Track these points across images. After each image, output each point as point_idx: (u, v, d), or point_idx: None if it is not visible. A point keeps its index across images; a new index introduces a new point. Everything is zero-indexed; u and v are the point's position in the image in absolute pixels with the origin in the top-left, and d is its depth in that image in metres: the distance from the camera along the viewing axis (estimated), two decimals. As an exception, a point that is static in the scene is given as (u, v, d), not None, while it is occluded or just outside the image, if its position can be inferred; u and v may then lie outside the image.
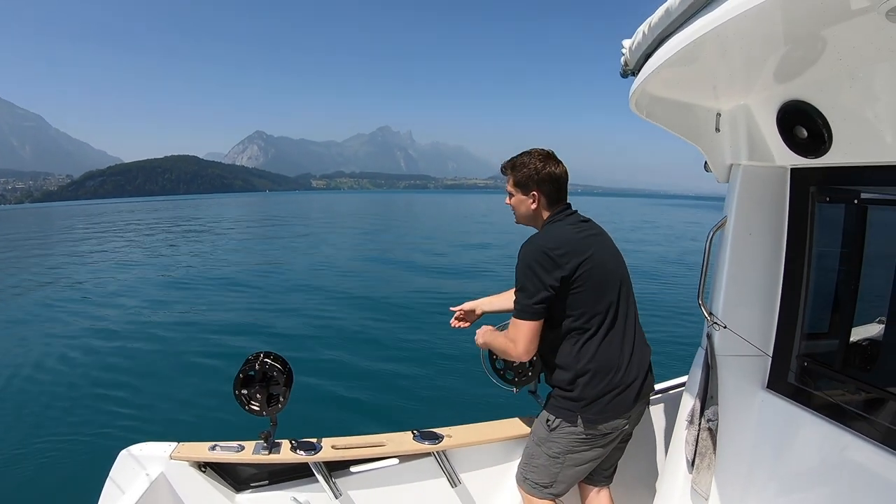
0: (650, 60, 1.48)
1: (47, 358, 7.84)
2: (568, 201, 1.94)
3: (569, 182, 1.94)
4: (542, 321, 1.77)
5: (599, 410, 1.81)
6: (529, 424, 2.26)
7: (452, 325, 2.36)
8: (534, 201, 1.90)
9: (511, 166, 1.93)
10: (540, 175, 1.86)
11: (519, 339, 1.78)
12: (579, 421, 1.82)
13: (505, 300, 2.25)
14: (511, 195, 1.96)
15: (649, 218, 50.19)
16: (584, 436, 1.84)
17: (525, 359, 1.85)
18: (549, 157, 1.89)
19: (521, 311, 1.77)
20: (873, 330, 1.72)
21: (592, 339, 1.80)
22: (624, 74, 1.77)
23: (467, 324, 2.35)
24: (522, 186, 1.90)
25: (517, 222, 2.01)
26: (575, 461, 1.90)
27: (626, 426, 1.89)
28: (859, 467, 1.56)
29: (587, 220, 1.93)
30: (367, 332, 8.92)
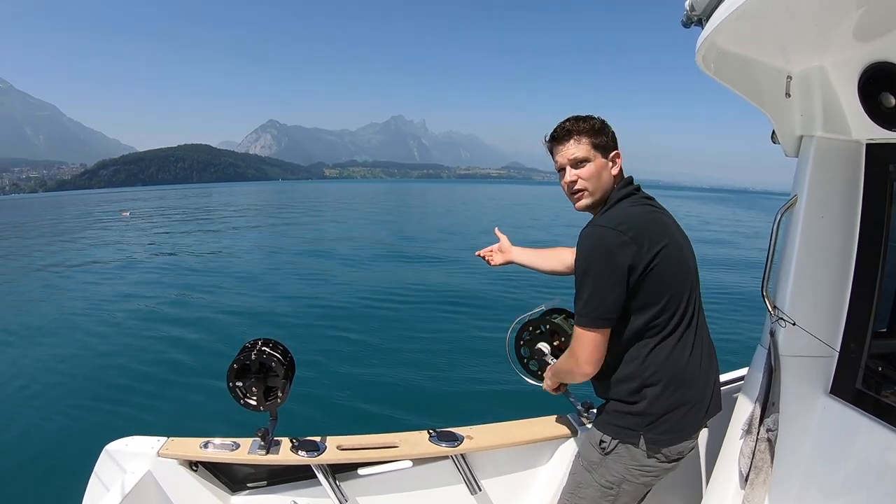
0: (724, 5, 1.25)
1: (31, 347, 7.67)
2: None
3: None
4: (609, 329, 1.44)
5: (666, 430, 1.48)
6: (559, 424, 2.03)
7: (477, 253, 2.08)
8: (615, 165, 1.56)
9: (590, 129, 1.52)
10: (615, 139, 1.57)
11: (580, 353, 1.45)
12: (641, 442, 1.49)
13: (539, 259, 1.98)
14: (580, 164, 1.53)
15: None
16: (645, 461, 1.52)
17: (590, 375, 1.50)
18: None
19: (583, 318, 1.42)
20: None
21: (664, 343, 1.46)
22: (687, 23, 1.48)
23: (492, 260, 2.04)
24: (604, 149, 1.53)
25: (581, 206, 1.57)
26: (629, 494, 1.58)
27: (692, 450, 1.58)
28: None
29: (652, 199, 1.59)
30: (379, 320, 8.57)
